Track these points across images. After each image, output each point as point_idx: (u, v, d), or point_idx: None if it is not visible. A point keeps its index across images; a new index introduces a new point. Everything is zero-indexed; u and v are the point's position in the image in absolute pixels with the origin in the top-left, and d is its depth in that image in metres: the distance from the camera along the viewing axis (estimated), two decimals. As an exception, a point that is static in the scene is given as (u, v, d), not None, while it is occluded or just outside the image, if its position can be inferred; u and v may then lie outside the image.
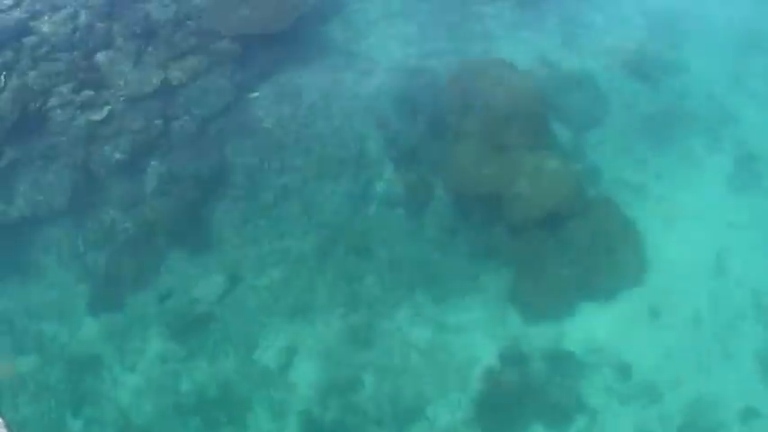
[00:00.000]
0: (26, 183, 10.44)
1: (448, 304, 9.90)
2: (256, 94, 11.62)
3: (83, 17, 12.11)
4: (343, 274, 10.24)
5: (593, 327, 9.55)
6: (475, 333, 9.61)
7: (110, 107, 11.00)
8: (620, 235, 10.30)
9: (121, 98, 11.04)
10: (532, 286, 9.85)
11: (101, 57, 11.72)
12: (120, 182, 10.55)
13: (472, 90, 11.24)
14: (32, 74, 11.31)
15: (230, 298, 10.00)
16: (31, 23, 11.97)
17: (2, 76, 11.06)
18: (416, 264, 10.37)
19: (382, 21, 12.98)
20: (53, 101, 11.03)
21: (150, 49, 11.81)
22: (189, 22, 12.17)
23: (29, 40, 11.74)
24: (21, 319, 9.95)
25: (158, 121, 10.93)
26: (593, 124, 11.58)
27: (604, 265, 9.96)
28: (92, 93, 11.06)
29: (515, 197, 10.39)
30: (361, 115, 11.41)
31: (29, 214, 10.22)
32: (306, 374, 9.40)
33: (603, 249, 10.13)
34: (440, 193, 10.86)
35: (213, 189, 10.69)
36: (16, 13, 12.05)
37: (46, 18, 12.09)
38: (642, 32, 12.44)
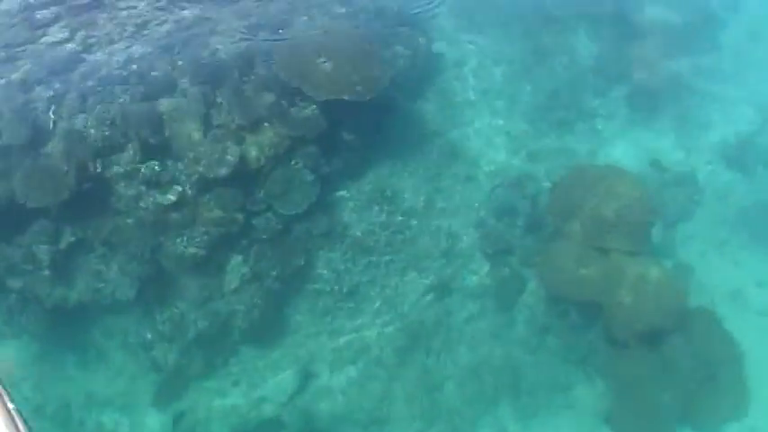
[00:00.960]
0: (88, 272, 9.36)
1: (535, 421, 9.27)
2: (343, 192, 10.64)
3: (139, 49, 10.71)
4: (422, 380, 9.56)
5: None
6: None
7: (180, 188, 9.72)
8: (723, 356, 9.76)
9: (194, 177, 9.76)
10: (631, 409, 9.14)
11: (164, 104, 10.36)
12: (194, 278, 9.47)
13: (577, 194, 10.61)
14: (82, 117, 10.00)
15: (301, 399, 9.29)
16: (85, 56, 10.80)
17: (50, 113, 9.70)
18: (502, 369, 9.75)
19: (482, 104, 12.30)
20: (113, 168, 9.66)
21: (219, 100, 10.46)
22: (260, 68, 10.68)
23: (79, 74, 10.44)
24: (79, 408, 9.15)
25: (238, 214, 9.71)
26: (693, 223, 11.18)
27: (707, 392, 9.24)
28: (158, 165, 9.82)
29: (616, 306, 9.73)
30: (458, 217, 10.74)
31: (90, 300, 9.13)
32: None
33: (706, 372, 9.59)
34: (533, 289, 10.23)
35: (295, 284, 9.71)
36: (70, 46, 10.88)
37: (101, 52, 10.68)
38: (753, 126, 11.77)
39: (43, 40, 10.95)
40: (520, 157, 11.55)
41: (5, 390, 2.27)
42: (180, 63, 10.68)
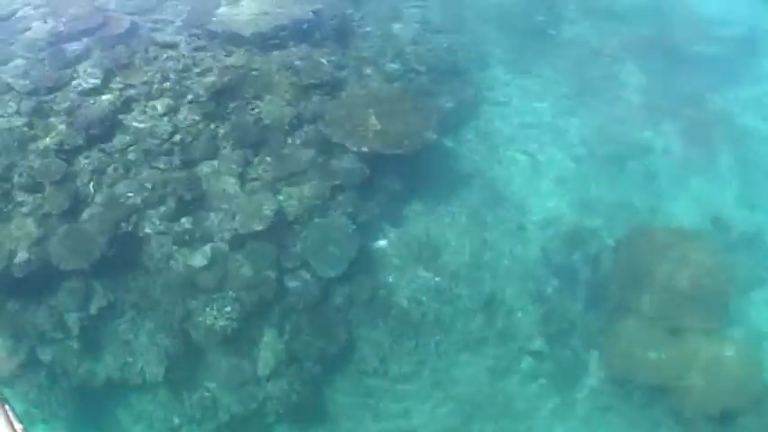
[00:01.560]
0: (116, 342, 8.75)
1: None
2: (384, 243, 9.70)
3: (183, 111, 9.77)
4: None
5: None
6: None
7: (212, 246, 9.08)
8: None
9: (226, 234, 9.17)
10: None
11: (204, 169, 9.71)
12: (225, 356, 8.73)
13: (644, 261, 9.76)
14: (123, 184, 9.27)
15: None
16: (122, 116, 10.18)
17: (91, 185, 8.92)
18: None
19: (528, 144, 11.48)
20: (147, 226, 9.18)
21: (259, 159, 9.60)
22: (307, 127, 9.82)
23: (120, 140, 9.76)
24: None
25: (272, 274, 9.01)
26: (765, 291, 10.08)
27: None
28: (190, 223, 9.23)
29: (686, 389, 8.99)
30: (512, 283, 9.76)
31: (118, 378, 8.49)
32: None
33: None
34: (595, 370, 9.37)
35: (336, 364, 8.94)
36: (105, 100, 10.24)
37: (139, 109, 9.83)
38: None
39: (74, 83, 10.40)
40: (571, 203, 10.72)
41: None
42: (222, 131, 10.22)
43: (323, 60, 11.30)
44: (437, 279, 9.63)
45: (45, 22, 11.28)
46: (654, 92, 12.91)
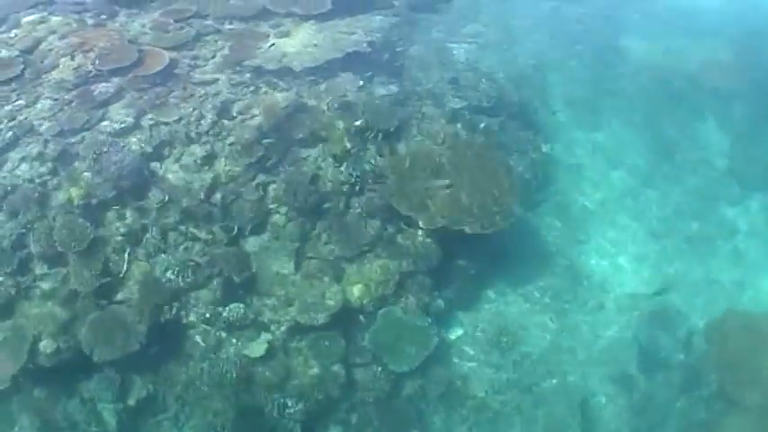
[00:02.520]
0: (157, 439, 7.27)
1: None
2: (459, 332, 8.76)
3: (221, 161, 8.71)
4: None
5: None
6: None
7: (270, 337, 7.95)
8: None
9: (285, 324, 8.09)
10: None
11: (252, 243, 8.59)
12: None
13: (741, 346, 8.65)
14: (161, 259, 8.18)
15: None
16: (155, 165, 9.00)
17: (123, 256, 7.62)
18: None
19: (604, 216, 10.51)
20: (191, 311, 8.13)
21: (317, 232, 8.52)
22: (369, 188, 8.55)
23: (154, 196, 8.54)
24: None
25: (338, 368, 7.96)
26: None
27: None
28: (242, 308, 8.05)
29: None
30: (596, 369, 8.73)
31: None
32: None
33: None
34: None
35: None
36: (137, 144, 9.05)
37: (173, 157, 8.86)
38: None
39: (103, 125, 9.25)
40: (653, 282, 9.71)
41: None
42: (272, 190, 8.88)
43: (380, 96, 10.07)
44: (516, 366, 8.58)
45: (73, 58, 9.77)
46: (739, 152, 11.69)
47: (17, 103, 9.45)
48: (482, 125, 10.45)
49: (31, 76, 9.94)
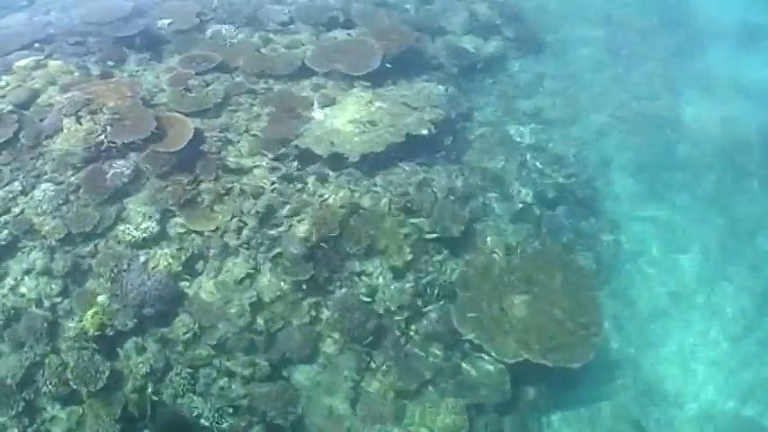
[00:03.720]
0: None
1: None
2: None
3: (267, 277, 7.58)
4: None
5: None
6: None
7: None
8: None
9: None
10: None
11: (301, 378, 7.36)
12: None
13: None
14: (193, 400, 6.84)
15: None
16: (185, 284, 7.38)
17: (147, 398, 6.11)
18: None
19: (675, 314, 9.49)
20: None
21: (376, 363, 7.51)
22: (434, 315, 7.44)
23: (183, 324, 7.18)
24: None
25: None
26: None
27: None
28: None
29: None
30: None
31: None
32: None
33: None
34: None
35: None
36: (162, 259, 7.46)
37: (207, 274, 7.05)
38: None
39: (120, 230, 7.58)
40: (729, 391, 8.74)
41: None
42: (324, 315, 7.48)
43: (443, 190, 8.60)
44: None
45: (78, 120, 7.84)
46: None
47: (12, 186, 7.50)
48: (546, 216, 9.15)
49: (29, 142, 7.99)
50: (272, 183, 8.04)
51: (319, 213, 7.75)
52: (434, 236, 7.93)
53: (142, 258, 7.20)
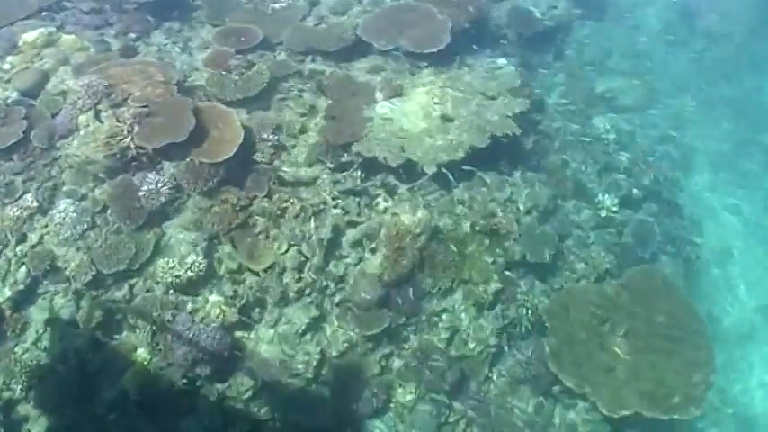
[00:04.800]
0: None
1: None
2: None
3: (334, 325, 6.19)
4: None
5: None
6: None
7: None
8: None
9: None
10: None
11: None
12: None
13: None
14: None
15: None
16: (241, 335, 6.15)
17: None
18: None
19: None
20: None
21: (455, 415, 6.34)
22: (521, 356, 6.27)
23: (242, 383, 6.01)
24: None
25: None
26: None
27: None
28: None
29: None
30: None
31: None
32: None
33: None
34: None
35: None
36: (213, 307, 6.13)
37: (266, 323, 5.95)
38: None
39: (160, 268, 6.31)
40: None
41: None
42: (396, 363, 6.38)
43: (527, 202, 7.21)
44: None
45: (97, 116, 6.63)
46: None
47: (26, 200, 5.99)
48: (638, 233, 7.96)
49: (41, 144, 6.37)
50: (335, 199, 6.44)
51: (394, 241, 6.25)
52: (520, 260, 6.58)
53: (189, 307, 5.74)
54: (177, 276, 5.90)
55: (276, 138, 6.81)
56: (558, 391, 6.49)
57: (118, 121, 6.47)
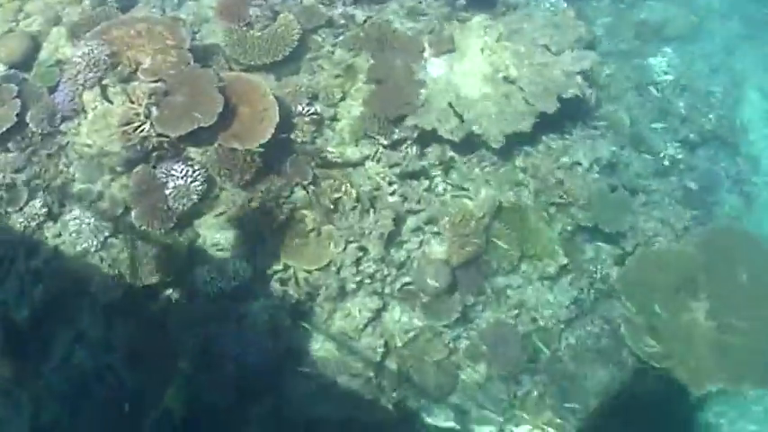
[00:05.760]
0: None
1: None
2: None
3: (394, 314, 5.46)
4: None
5: None
6: None
7: None
8: None
9: None
10: None
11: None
12: None
13: None
14: None
15: None
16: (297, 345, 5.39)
17: None
18: None
19: None
20: None
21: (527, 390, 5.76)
22: (592, 327, 5.81)
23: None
24: None
25: None
26: None
27: None
28: None
29: None
30: None
31: None
32: None
33: None
34: None
35: None
36: (259, 314, 5.46)
37: (321, 322, 4.98)
38: None
39: (199, 276, 5.53)
40: None
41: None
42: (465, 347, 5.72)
43: (589, 162, 6.30)
44: None
45: (104, 92, 5.54)
46: None
47: (33, 206, 5.06)
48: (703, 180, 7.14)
49: (41, 129, 5.29)
50: (391, 183, 5.46)
51: (458, 227, 5.37)
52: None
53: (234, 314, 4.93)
54: (220, 288, 4.98)
55: (314, 109, 5.63)
56: (633, 362, 5.79)
57: (131, 102, 5.24)
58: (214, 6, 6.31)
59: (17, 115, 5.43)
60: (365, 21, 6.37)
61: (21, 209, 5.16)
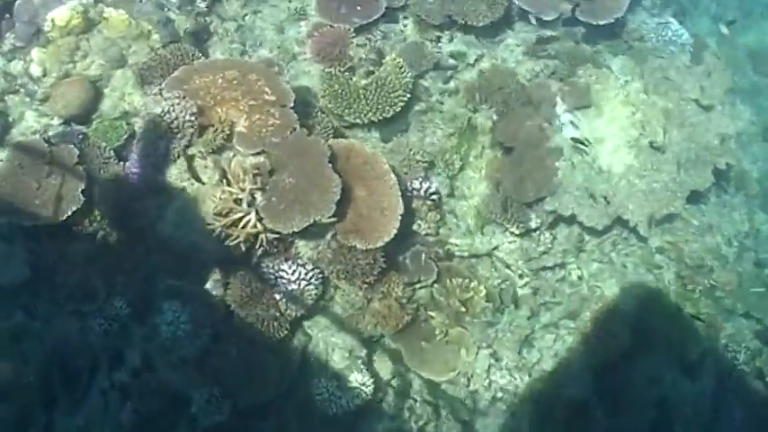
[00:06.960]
0: None
1: None
2: None
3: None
4: None
5: None
6: None
7: None
8: None
9: None
10: None
11: None
12: None
13: None
14: None
15: None
16: None
17: None
18: None
19: None
20: None
21: None
22: None
23: None
24: None
25: None
26: None
27: None
28: None
29: None
30: None
31: None
32: None
33: None
34: None
35: None
36: None
37: None
38: None
39: (316, 394, 4.72)
40: None
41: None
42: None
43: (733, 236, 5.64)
44: None
45: (196, 178, 4.33)
46: None
47: (114, 308, 4.12)
48: None
49: (111, 216, 4.31)
50: (522, 276, 4.61)
51: (600, 323, 4.59)
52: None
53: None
54: (341, 407, 4.18)
55: (434, 188, 4.65)
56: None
57: (228, 184, 4.20)
58: (301, 39, 5.08)
59: (83, 192, 4.31)
60: (476, 60, 5.21)
61: (99, 308, 4.17)
